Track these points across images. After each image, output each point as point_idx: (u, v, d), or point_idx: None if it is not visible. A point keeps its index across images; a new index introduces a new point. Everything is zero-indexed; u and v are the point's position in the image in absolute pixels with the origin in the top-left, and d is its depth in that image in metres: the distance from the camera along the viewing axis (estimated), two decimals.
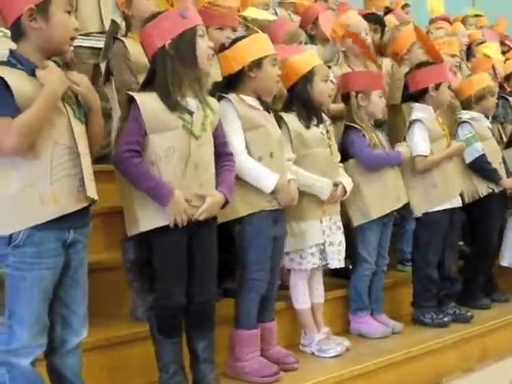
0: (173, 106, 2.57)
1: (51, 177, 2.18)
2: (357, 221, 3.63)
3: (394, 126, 3.88)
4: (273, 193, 2.94)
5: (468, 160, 4.17)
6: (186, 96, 2.62)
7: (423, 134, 3.83)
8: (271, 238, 2.99)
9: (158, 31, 2.61)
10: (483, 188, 4.20)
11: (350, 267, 3.72)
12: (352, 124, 3.63)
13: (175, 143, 2.56)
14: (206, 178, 2.64)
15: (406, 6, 6.81)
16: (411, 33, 4.33)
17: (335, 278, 3.87)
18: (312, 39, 4.59)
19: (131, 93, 2.62)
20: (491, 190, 4.22)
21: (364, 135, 3.60)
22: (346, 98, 3.71)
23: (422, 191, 3.82)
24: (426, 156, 3.81)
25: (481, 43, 5.74)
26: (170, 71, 2.59)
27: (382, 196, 3.64)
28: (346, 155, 3.60)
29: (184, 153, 2.56)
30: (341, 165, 3.50)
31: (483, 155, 4.19)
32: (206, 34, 2.65)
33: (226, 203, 2.68)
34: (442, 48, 4.45)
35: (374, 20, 4.76)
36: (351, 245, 3.63)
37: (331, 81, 3.46)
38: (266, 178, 2.92)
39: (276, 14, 4.98)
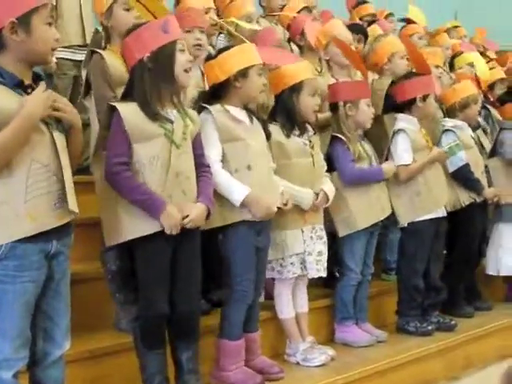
0: (153, 115, 2.58)
1: (26, 195, 2.16)
2: (343, 231, 3.64)
3: (376, 137, 3.89)
4: (244, 206, 2.92)
5: (451, 169, 4.19)
6: (166, 107, 2.64)
7: (406, 144, 3.85)
8: (254, 249, 2.99)
9: (137, 43, 2.63)
10: (465, 197, 4.22)
11: (337, 275, 3.73)
12: (338, 135, 3.65)
13: (159, 152, 2.57)
14: (189, 187, 2.65)
15: (389, 15, 6.83)
16: (391, 43, 4.33)
17: (325, 288, 3.89)
18: (301, 50, 4.60)
19: (113, 103, 2.62)
20: (473, 200, 4.24)
21: (349, 148, 3.61)
22: (334, 108, 3.72)
23: (406, 200, 3.84)
24: (407, 165, 3.84)
25: (459, 54, 5.77)
26: (148, 84, 2.61)
27: (368, 207, 3.66)
28: (331, 166, 3.62)
29: (166, 161, 2.58)
30: (327, 174, 3.50)
31: (467, 164, 4.21)
32: (186, 48, 2.66)
33: (208, 214, 2.69)
34: (426, 58, 4.46)
35: (357, 30, 4.78)
36: (338, 254, 3.65)
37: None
38: (235, 191, 2.91)
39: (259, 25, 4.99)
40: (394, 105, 3.98)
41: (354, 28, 4.73)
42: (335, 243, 3.64)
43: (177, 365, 2.71)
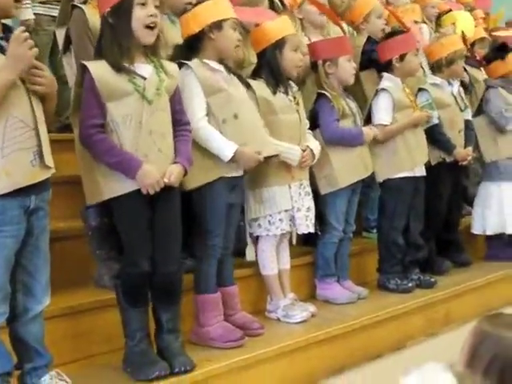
0: (119, 70, 2.55)
1: (2, 150, 2.14)
2: (324, 189, 3.65)
3: (353, 94, 3.87)
4: (232, 161, 2.94)
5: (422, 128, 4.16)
6: (136, 61, 2.60)
7: (387, 104, 3.86)
8: (226, 205, 3.01)
9: None
10: (434, 156, 4.19)
11: (319, 233, 3.74)
12: (323, 91, 3.63)
13: (131, 110, 2.54)
14: (165, 144, 2.63)
15: None
16: (367, 2, 4.32)
17: (304, 245, 3.89)
18: (284, 6, 4.53)
19: (84, 62, 2.59)
20: (441, 159, 4.22)
21: (333, 106, 3.60)
22: (314, 67, 3.71)
23: (384, 159, 3.84)
24: (385, 125, 3.84)
25: (447, 12, 5.72)
26: (109, 39, 2.59)
27: (350, 165, 3.66)
28: (316, 123, 3.62)
29: (139, 119, 2.55)
30: (309, 131, 3.51)
31: (437, 125, 4.18)
32: (148, 2, 2.58)
33: (185, 173, 2.68)
34: (405, 15, 4.45)
35: None
36: (319, 211, 3.66)
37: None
38: (223, 148, 2.92)
39: None
40: (369, 62, 3.96)
41: None
42: (317, 201, 3.65)
43: (157, 323, 2.73)
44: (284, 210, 3.30)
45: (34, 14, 4.24)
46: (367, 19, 4.31)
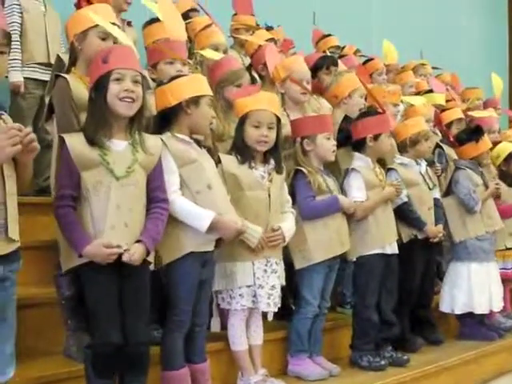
0: (92, 144, 2.62)
1: None
2: (299, 264, 3.64)
3: (330, 171, 3.91)
4: (210, 230, 2.93)
5: (392, 207, 4.15)
6: (114, 136, 2.67)
7: (358, 183, 3.90)
8: (197, 281, 2.99)
9: (89, 73, 2.77)
10: (405, 234, 4.23)
11: (293, 307, 3.71)
12: (299, 168, 3.67)
13: (102, 178, 2.61)
14: (132, 219, 2.65)
15: (357, 51, 6.92)
16: (354, 79, 4.40)
17: (277, 320, 3.86)
18: (262, 80, 4.60)
19: (62, 134, 2.66)
20: (413, 237, 4.26)
21: (309, 181, 3.63)
22: (295, 143, 3.75)
23: (356, 236, 3.85)
24: (361, 202, 3.87)
25: (427, 92, 5.83)
26: (90, 113, 2.69)
27: (326, 240, 3.66)
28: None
29: (107, 190, 2.60)
30: (293, 211, 3.49)
31: (406, 203, 4.22)
32: (125, 78, 2.66)
33: (148, 252, 2.67)
34: (385, 96, 4.53)
35: (333, 62, 4.83)
36: (296, 286, 3.64)
37: None
38: (199, 217, 2.92)
39: None
40: (346, 140, 4.03)
41: (328, 60, 4.77)
42: (294, 275, 3.64)
43: None
44: (246, 286, 3.26)
45: (24, 78, 4.31)
46: (351, 95, 4.38)
